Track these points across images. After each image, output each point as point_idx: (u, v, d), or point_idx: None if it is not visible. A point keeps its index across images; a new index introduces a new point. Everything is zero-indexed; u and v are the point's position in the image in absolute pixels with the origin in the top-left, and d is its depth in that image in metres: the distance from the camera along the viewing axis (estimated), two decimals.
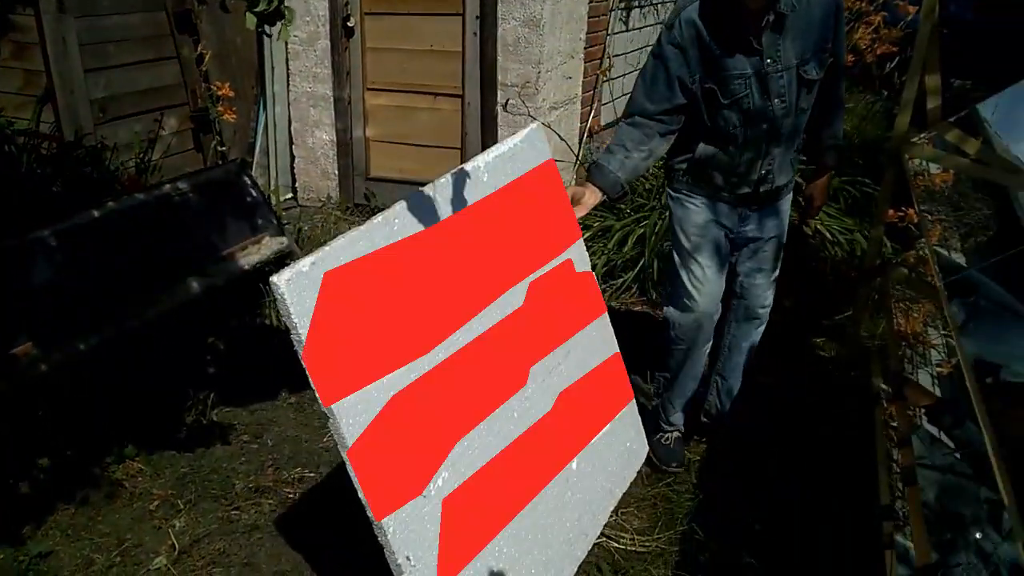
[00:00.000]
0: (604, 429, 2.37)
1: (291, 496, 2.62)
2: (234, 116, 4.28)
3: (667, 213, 2.67)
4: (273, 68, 4.86)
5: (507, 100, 4.36)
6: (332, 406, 1.60)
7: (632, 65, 5.49)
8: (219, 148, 4.63)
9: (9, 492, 2.52)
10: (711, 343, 2.68)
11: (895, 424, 2.28)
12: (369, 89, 4.80)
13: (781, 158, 2.42)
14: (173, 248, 3.27)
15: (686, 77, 2.26)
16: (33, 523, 2.43)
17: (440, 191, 1.90)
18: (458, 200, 1.92)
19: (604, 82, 5.04)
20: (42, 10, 3.90)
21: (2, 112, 3.82)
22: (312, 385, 1.59)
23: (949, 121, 2.95)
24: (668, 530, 2.44)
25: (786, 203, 2.58)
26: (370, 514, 1.64)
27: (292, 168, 5.14)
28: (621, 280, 3.91)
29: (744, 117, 2.30)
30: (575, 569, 2.18)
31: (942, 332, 3.27)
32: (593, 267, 3.90)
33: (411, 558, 1.69)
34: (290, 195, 5.20)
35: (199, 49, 4.54)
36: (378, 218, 1.75)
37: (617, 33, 5.13)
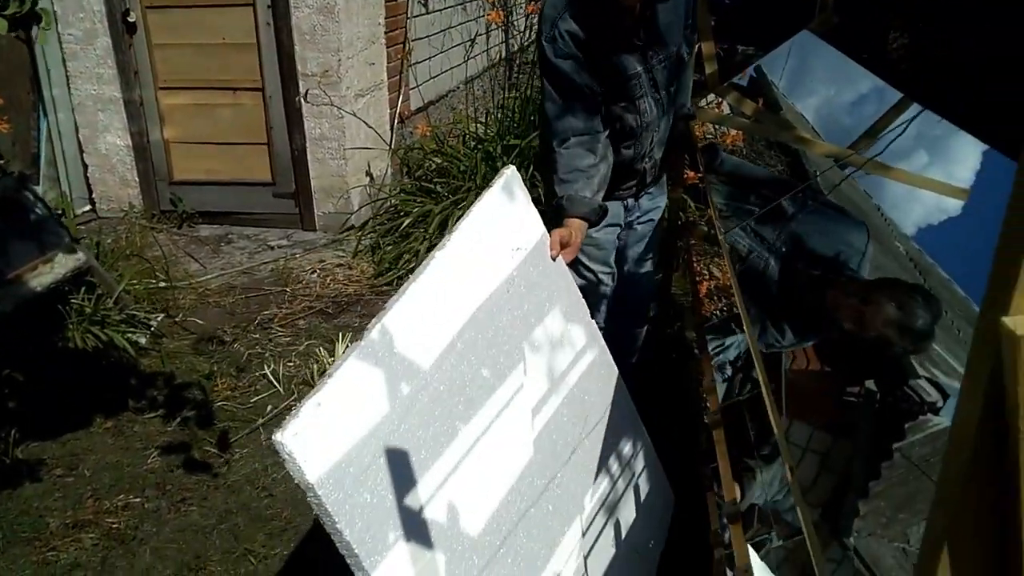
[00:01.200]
0: (627, 495, 2.21)
1: (115, 526, 2.46)
2: (7, 126, 3.91)
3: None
4: (49, 70, 4.47)
5: (307, 91, 4.26)
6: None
7: (436, 48, 5.50)
8: None
9: None
10: None
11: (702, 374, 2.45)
12: (162, 88, 4.52)
13: (660, 144, 2.43)
14: None
15: (592, 84, 2.18)
16: None
17: (435, 273, 1.66)
18: (453, 283, 1.70)
19: (409, 67, 5.02)
20: None
21: None
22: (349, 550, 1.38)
23: (729, 84, 3.17)
24: None
25: (663, 180, 2.61)
26: None
27: (86, 178, 4.77)
28: None
29: (639, 116, 2.27)
30: None
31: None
32: (416, 253, 3.92)
33: None
34: (88, 207, 4.83)
35: None
36: (373, 335, 1.49)
37: (417, 16, 5.11)
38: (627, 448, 2.23)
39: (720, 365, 2.53)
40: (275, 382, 3.14)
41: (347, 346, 3.28)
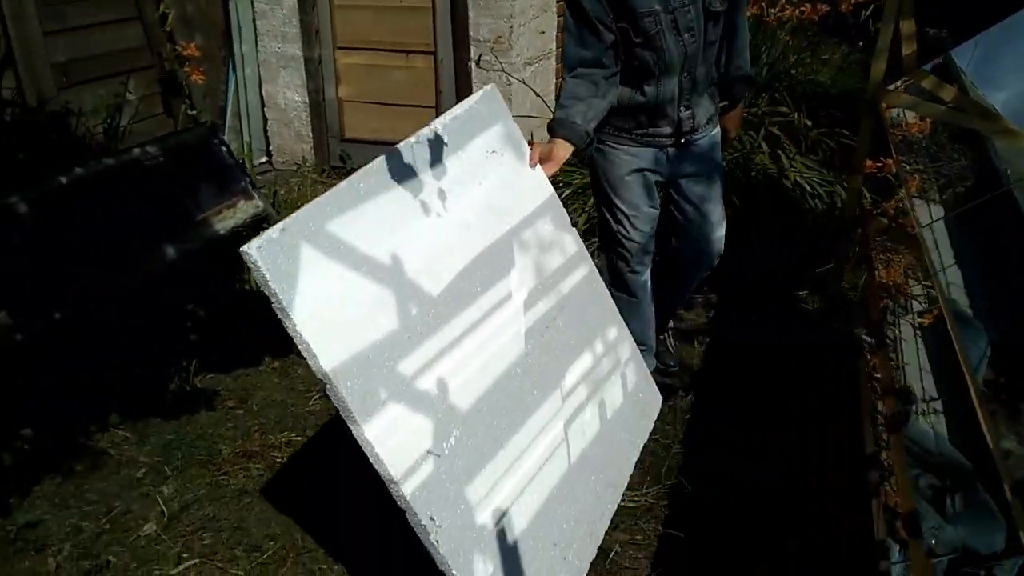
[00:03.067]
0: (611, 379, 2.38)
1: (278, 460, 2.61)
2: (203, 78, 4.18)
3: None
4: (240, 28, 4.74)
5: (479, 56, 4.30)
6: (329, 371, 1.59)
7: None
8: (190, 112, 4.52)
9: None
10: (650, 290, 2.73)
11: (878, 375, 2.31)
12: (339, 48, 4.70)
13: (698, 94, 2.46)
14: (146, 214, 3.21)
15: (604, 18, 2.28)
16: (18, 494, 2.41)
17: (405, 154, 1.92)
18: (422, 164, 1.96)
19: None
20: None
21: None
22: (303, 350, 1.58)
23: (924, 69, 2.95)
24: (656, 484, 2.47)
25: (714, 136, 2.60)
26: (389, 478, 1.64)
27: (265, 131, 5.04)
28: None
29: (657, 55, 2.34)
30: (608, 521, 2.21)
31: (923, 283, 3.31)
32: (574, 224, 3.90)
33: (435, 518, 1.69)
34: (264, 159, 5.11)
35: (161, 8, 4.41)
36: (342, 184, 1.78)
37: None
38: (610, 353, 2.43)
39: None
40: None
41: None
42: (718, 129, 2.62)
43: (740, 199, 3.81)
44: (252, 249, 1.54)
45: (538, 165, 2.32)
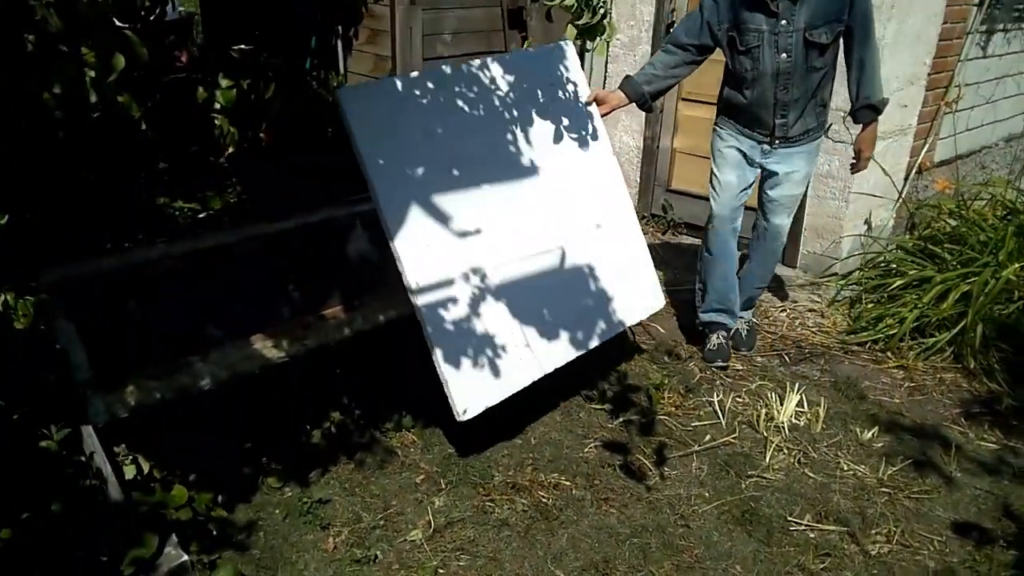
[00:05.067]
0: (617, 242, 3.14)
1: (544, 500, 2.62)
2: None
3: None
4: (592, 69, 4.92)
5: (830, 125, 4.04)
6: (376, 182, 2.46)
7: (984, 97, 4.85)
8: None
9: (304, 439, 2.79)
10: (735, 256, 3.33)
11: None
12: (683, 100, 4.69)
13: (796, 108, 3.00)
14: None
15: (714, 23, 2.95)
16: (319, 470, 2.68)
17: (474, 71, 2.77)
18: (489, 80, 2.81)
19: (947, 114, 4.49)
20: (396, 1, 4.27)
21: None
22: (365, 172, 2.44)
23: None
24: None
25: (808, 150, 3.13)
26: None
27: None
28: (932, 340, 3.45)
29: (754, 63, 2.94)
30: (580, 349, 2.90)
31: None
32: (901, 320, 3.51)
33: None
34: None
35: (526, 45, 4.71)
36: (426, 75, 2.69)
37: (971, 60, 4.54)
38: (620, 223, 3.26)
39: None
40: (719, 413, 3.07)
41: (800, 397, 3.07)
42: (814, 145, 3.14)
43: None
44: (341, 91, 2.44)
45: (594, 105, 3.08)
